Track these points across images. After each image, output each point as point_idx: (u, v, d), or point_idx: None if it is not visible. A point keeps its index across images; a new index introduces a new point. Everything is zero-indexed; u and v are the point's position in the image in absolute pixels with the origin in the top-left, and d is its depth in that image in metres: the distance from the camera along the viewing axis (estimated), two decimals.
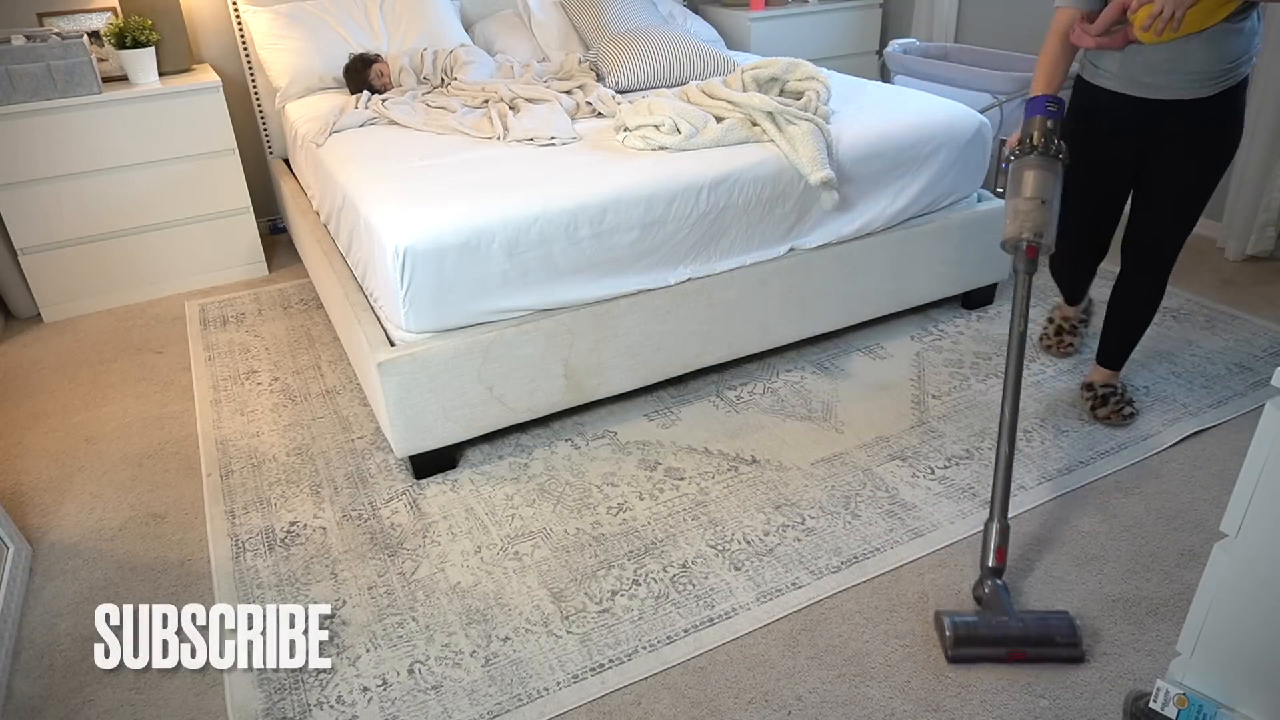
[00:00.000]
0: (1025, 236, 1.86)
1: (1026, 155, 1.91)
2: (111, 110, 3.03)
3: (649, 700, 1.60)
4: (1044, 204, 1.86)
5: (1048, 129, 1.91)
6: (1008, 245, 1.91)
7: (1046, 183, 1.87)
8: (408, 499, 2.15)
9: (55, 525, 2.14)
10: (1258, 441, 1.18)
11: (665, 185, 2.23)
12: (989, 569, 1.73)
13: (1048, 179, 1.87)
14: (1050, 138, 1.90)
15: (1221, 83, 1.89)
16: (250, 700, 1.63)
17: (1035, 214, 1.86)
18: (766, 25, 4.12)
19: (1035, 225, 1.85)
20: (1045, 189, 1.87)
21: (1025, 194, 1.87)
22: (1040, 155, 1.89)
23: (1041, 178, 1.87)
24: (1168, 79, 1.90)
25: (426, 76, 3.26)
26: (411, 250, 2.00)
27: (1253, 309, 2.83)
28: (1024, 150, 1.92)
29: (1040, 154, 1.89)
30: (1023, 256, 1.88)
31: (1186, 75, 1.88)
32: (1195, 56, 1.86)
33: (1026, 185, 1.88)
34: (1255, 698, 1.29)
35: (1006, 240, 1.91)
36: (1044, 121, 1.91)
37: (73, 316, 3.24)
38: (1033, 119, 1.93)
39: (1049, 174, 1.88)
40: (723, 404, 2.46)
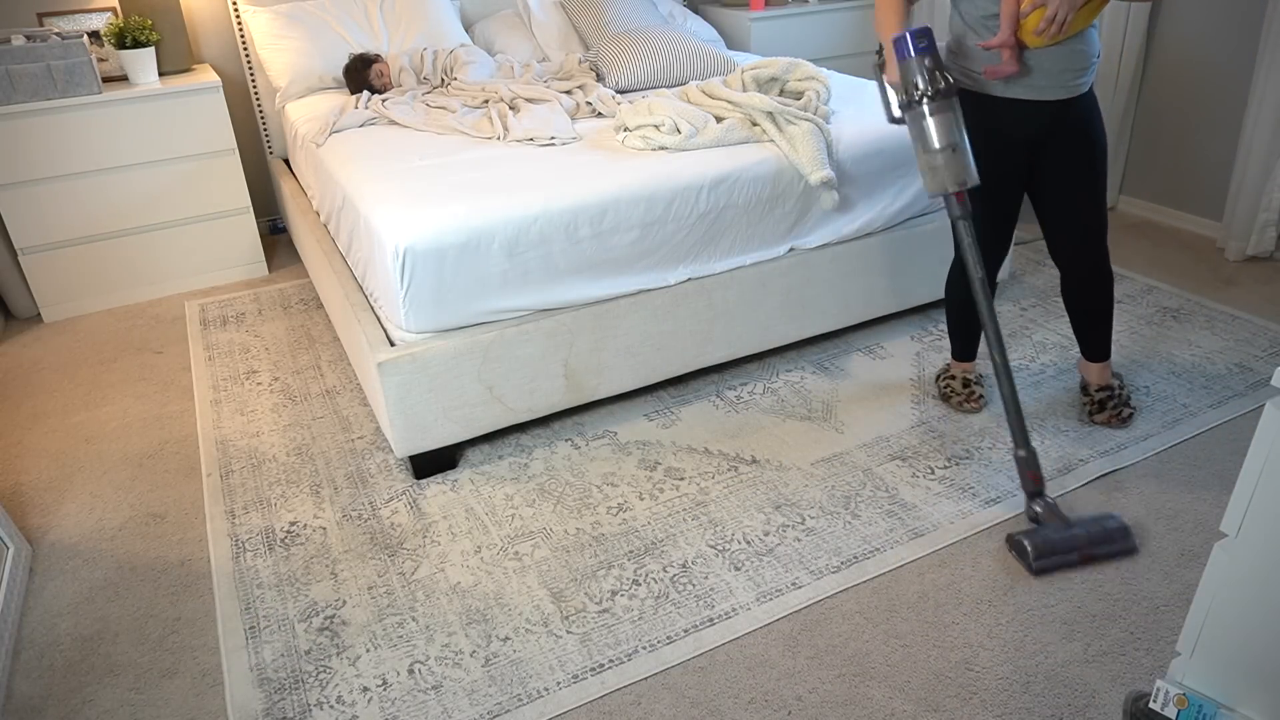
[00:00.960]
0: (950, 189, 1.87)
1: (919, 104, 1.84)
2: (111, 110, 3.03)
3: (649, 700, 1.60)
4: (955, 150, 1.84)
5: (927, 67, 1.83)
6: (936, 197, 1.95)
7: (950, 125, 1.84)
8: (408, 499, 2.15)
9: (55, 525, 2.14)
10: (1258, 441, 1.18)
11: (665, 185, 2.23)
12: (1030, 492, 1.90)
13: (949, 120, 1.84)
14: (934, 76, 1.83)
15: (1091, 75, 1.98)
16: (250, 700, 1.63)
17: (952, 163, 1.84)
18: (766, 25, 4.12)
19: (956, 174, 1.85)
20: (951, 133, 1.84)
21: (935, 145, 1.84)
22: (933, 100, 1.83)
23: (944, 122, 1.83)
24: (1059, 79, 1.93)
25: (426, 76, 3.26)
26: (411, 250, 2.00)
27: (1253, 309, 2.83)
28: (914, 99, 1.85)
29: (932, 98, 1.83)
30: (954, 204, 1.90)
31: (1073, 74, 1.93)
32: (1076, 56, 1.91)
33: (932, 136, 1.84)
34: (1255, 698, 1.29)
35: (933, 195, 1.92)
36: (922, 60, 1.84)
37: (73, 316, 3.24)
38: (908, 61, 1.85)
39: (949, 114, 1.84)
40: (723, 404, 2.46)
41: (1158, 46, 3.41)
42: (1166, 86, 3.41)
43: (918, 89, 1.84)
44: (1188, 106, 3.36)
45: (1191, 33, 3.27)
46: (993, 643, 1.68)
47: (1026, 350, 2.64)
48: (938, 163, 1.86)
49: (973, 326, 2.34)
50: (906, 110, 1.89)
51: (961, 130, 1.86)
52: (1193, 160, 3.40)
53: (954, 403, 2.38)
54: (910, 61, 1.85)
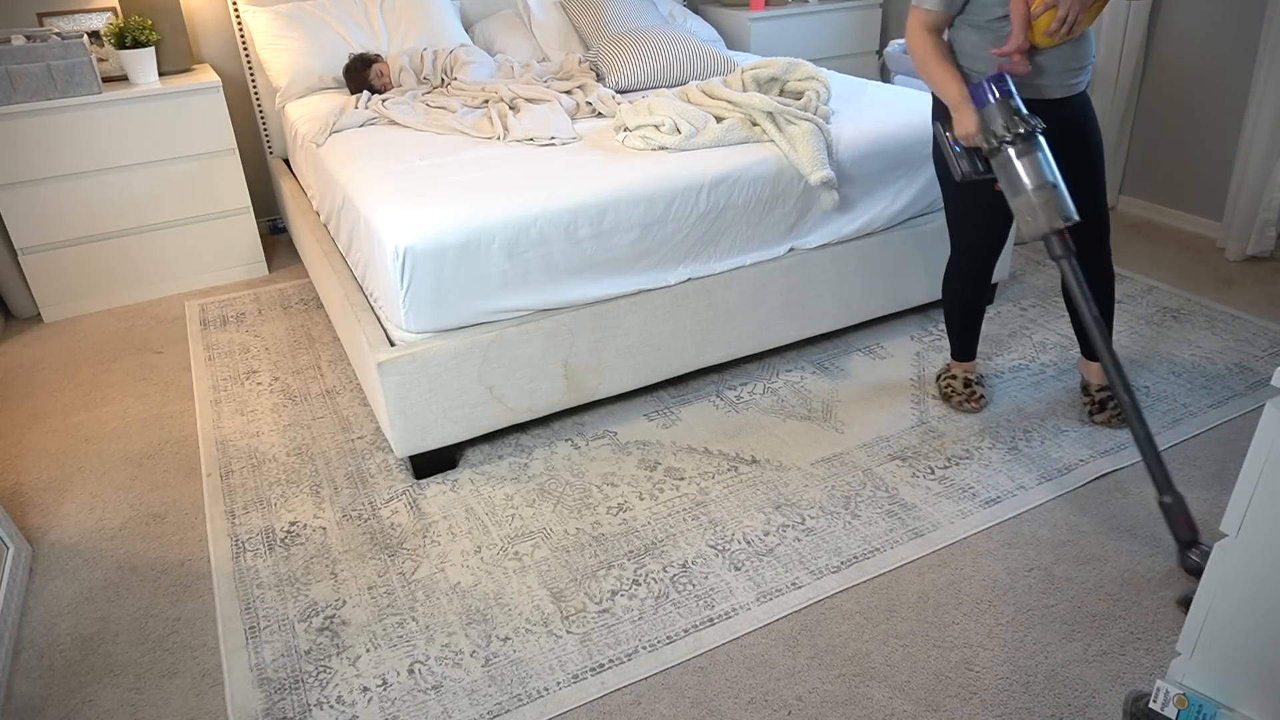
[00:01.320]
0: (1055, 226, 1.85)
1: (1003, 148, 1.85)
2: (111, 110, 3.03)
3: (649, 700, 1.60)
4: (1052, 187, 1.83)
5: (1010, 109, 1.85)
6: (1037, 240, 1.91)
7: (1040, 164, 1.84)
8: (408, 499, 2.15)
9: (55, 525, 2.14)
10: (1258, 441, 1.18)
11: (665, 185, 2.23)
12: (1185, 541, 1.79)
13: (1039, 159, 1.84)
14: (1015, 118, 1.84)
15: (1087, 76, 2.01)
16: (250, 700, 1.63)
17: (1050, 201, 1.83)
18: (766, 25, 4.12)
19: (1054, 213, 1.84)
20: (1043, 172, 1.84)
21: (1029, 186, 1.84)
22: (1016, 142, 1.84)
23: (1034, 162, 1.84)
24: (1060, 79, 1.95)
25: (426, 76, 3.26)
26: (411, 250, 2.00)
27: (1253, 309, 2.83)
28: (998, 144, 1.86)
29: (1014, 141, 1.84)
30: (1055, 244, 1.88)
31: (1074, 72, 1.95)
32: (1076, 55, 1.94)
33: (1024, 178, 1.85)
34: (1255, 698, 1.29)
35: (1034, 238, 1.90)
36: (1007, 103, 1.85)
37: (73, 316, 3.24)
38: (989, 108, 1.86)
39: (1036, 154, 1.84)
40: (723, 404, 2.46)
41: (1158, 46, 3.41)
42: (1166, 86, 3.41)
43: (1005, 134, 1.83)
44: (1187, 106, 3.36)
45: (1191, 33, 3.27)
46: (993, 643, 1.68)
47: (1026, 350, 2.64)
48: (1035, 202, 1.84)
49: (972, 327, 2.34)
50: (993, 156, 1.87)
51: (1053, 166, 1.85)
52: (1193, 160, 3.40)
53: (954, 402, 2.37)
54: (991, 108, 1.85)
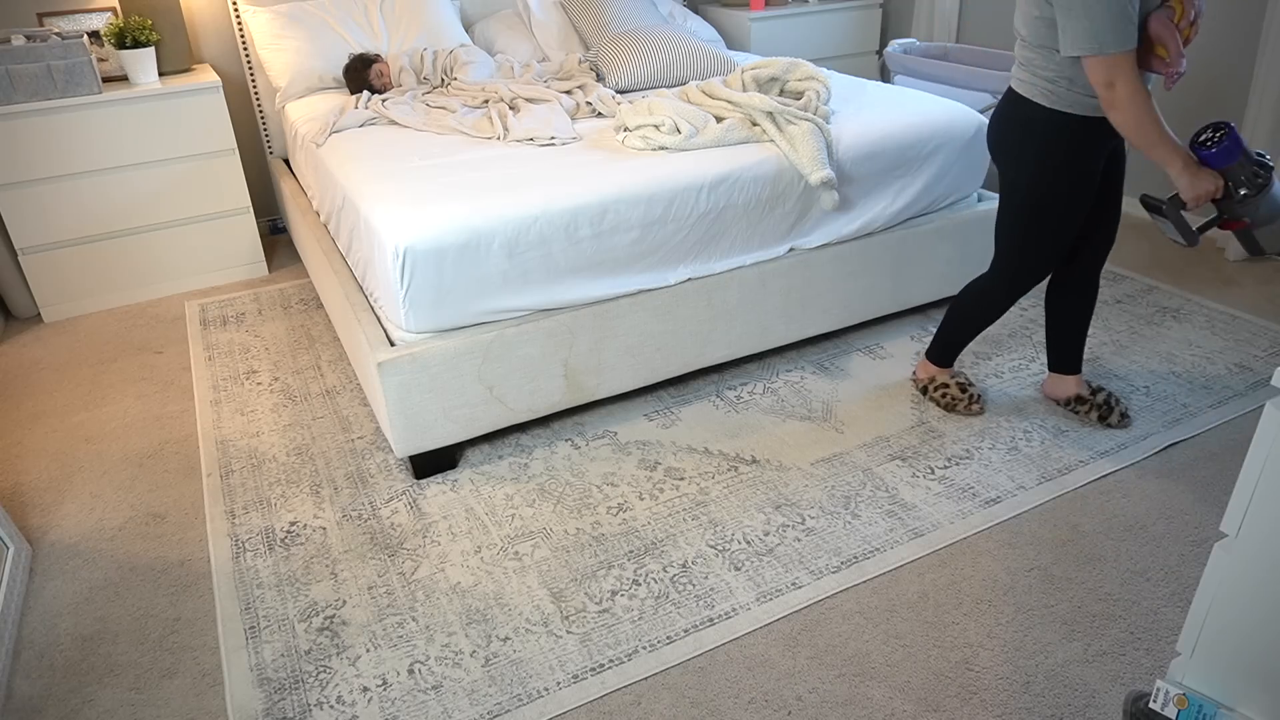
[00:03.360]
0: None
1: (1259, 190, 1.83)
2: (111, 110, 3.03)
3: (649, 700, 1.60)
4: None
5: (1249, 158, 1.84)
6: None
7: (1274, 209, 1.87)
8: (408, 499, 2.15)
9: (55, 525, 2.14)
10: (1258, 441, 1.18)
11: (665, 185, 2.23)
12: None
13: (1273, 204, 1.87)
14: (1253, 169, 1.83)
15: None
16: (250, 700, 1.64)
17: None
18: (766, 25, 4.12)
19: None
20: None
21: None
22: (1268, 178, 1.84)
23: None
24: None
25: (426, 76, 3.26)
26: (411, 250, 2.00)
27: (1253, 309, 2.83)
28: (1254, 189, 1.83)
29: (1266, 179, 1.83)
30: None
31: None
32: None
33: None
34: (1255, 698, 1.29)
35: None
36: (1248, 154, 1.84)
37: (73, 316, 3.24)
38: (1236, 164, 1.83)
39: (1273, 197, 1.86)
40: (723, 404, 2.46)
41: None
42: None
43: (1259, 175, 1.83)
44: (1187, 106, 3.36)
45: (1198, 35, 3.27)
46: (993, 643, 1.68)
47: (1026, 350, 2.64)
48: None
49: (970, 338, 2.34)
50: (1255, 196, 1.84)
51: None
52: None
53: (960, 409, 2.35)
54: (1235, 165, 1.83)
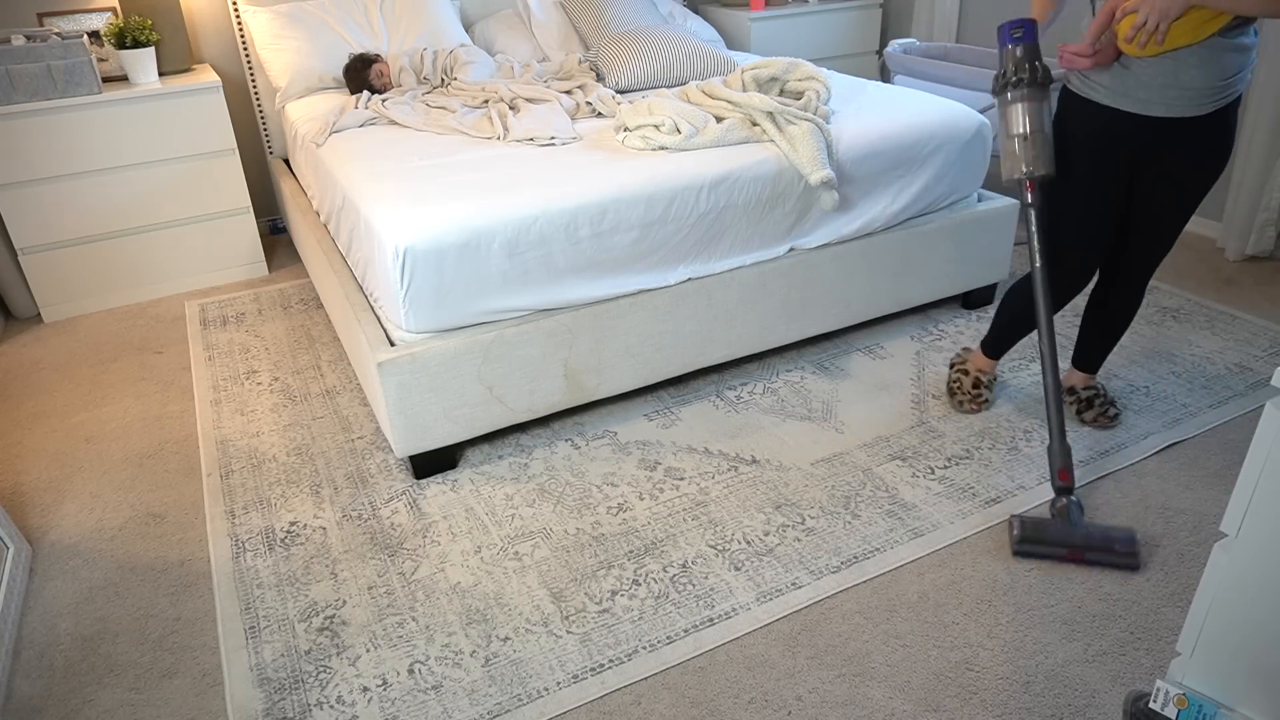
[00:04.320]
0: (1026, 172, 1.90)
1: (1007, 90, 1.91)
2: (111, 110, 3.03)
3: (649, 700, 1.60)
4: (1037, 135, 1.89)
5: (1017, 58, 1.89)
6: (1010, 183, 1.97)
7: (1034, 114, 1.89)
8: (408, 499, 2.15)
9: (55, 525, 2.14)
10: (1258, 441, 1.18)
11: (665, 185, 2.23)
12: (1057, 488, 1.91)
13: (1034, 109, 1.89)
14: (1023, 65, 1.88)
15: (1218, 100, 1.79)
16: (250, 700, 1.63)
17: (1031, 148, 1.89)
18: (766, 25, 4.12)
19: (1031, 159, 1.90)
20: (1035, 120, 1.89)
21: (1016, 130, 1.90)
22: (1020, 87, 1.89)
23: (1030, 109, 1.89)
24: (1162, 94, 1.79)
25: (426, 76, 3.26)
26: (411, 250, 2.00)
27: (1253, 309, 2.83)
28: (1003, 85, 1.91)
29: (1018, 85, 1.89)
30: (1024, 192, 1.94)
31: (1181, 92, 1.77)
32: (1190, 73, 1.74)
33: (1015, 120, 1.90)
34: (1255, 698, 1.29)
35: (1007, 180, 1.96)
36: (1013, 51, 1.89)
37: (73, 316, 3.24)
38: (1003, 50, 1.92)
39: (1035, 104, 1.88)
40: (723, 404, 2.46)
41: None
42: None
43: (1006, 74, 1.90)
44: None
45: None
46: (993, 643, 1.68)
47: (1027, 351, 2.64)
48: (1012, 149, 1.91)
49: (1019, 335, 2.25)
50: (995, 94, 1.94)
51: (1047, 119, 1.89)
52: None
53: (956, 399, 2.35)
54: (1005, 50, 1.91)
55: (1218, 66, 1.73)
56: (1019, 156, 1.90)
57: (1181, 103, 1.79)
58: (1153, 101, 1.80)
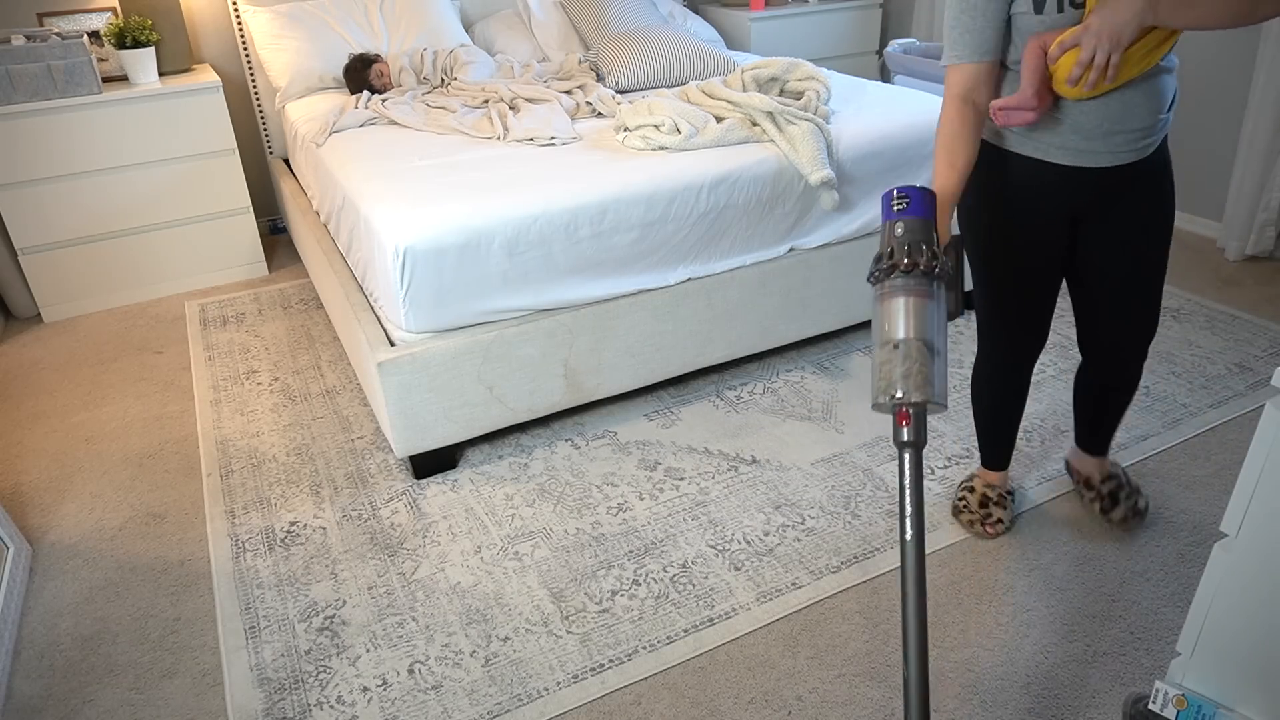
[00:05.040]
0: (896, 397, 1.27)
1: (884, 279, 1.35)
2: (111, 110, 3.03)
3: (649, 700, 1.60)
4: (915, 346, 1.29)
5: (898, 237, 1.33)
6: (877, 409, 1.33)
7: (917, 315, 1.30)
8: (408, 499, 2.15)
9: (55, 525, 2.14)
10: (1258, 441, 1.18)
11: (665, 185, 2.23)
12: None
13: (917, 309, 1.30)
14: (906, 248, 1.32)
15: (1158, 135, 1.51)
16: (250, 700, 1.64)
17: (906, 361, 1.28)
18: (766, 25, 4.12)
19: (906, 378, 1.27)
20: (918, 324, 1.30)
21: (888, 335, 1.31)
22: (897, 276, 1.33)
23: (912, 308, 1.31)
24: (1105, 143, 1.48)
25: (426, 76, 3.26)
26: (411, 250, 2.00)
27: (1253, 309, 2.83)
28: (879, 272, 1.35)
29: (904, 272, 1.32)
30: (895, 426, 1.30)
31: (1127, 136, 1.47)
32: (1137, 111, 1.45)
33: (889, 322, 1.32)
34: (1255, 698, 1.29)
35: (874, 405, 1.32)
36: (893, 226, 1.35)
37: (73, 316, 3.24)
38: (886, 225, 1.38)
39: (920, 300, 1.31)
40: (723, 404, 2.46)
41: None
42: None
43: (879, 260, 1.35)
44: (1187, 105, 3.36)
45: (1190, 32, 3.27)
46: (993, 643, 1.68)
47: None
48: (882, 359, 1.31)
49: (1005, 431, 1.90)
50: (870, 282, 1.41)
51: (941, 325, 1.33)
52: (1192, 160, 3.40)
53: (963, 521, 1.95)
54: (884, 225, 1.38)
55: (1158, 97, 1.45)
56: (889, 373, 1.29)
57: (1128, 148, 1.49)
58: (1096, 152, 1.49)
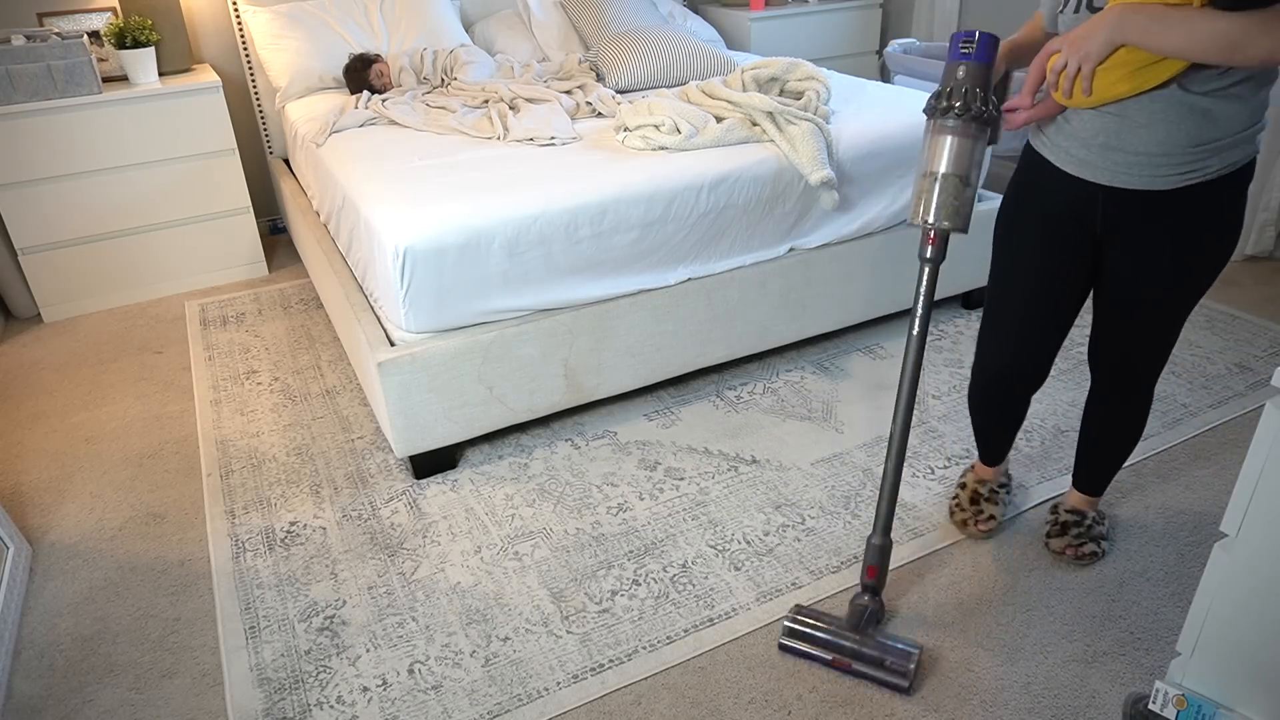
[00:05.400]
0: (930, 220, 1.50)
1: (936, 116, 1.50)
2: (111, 110, 3.03)
3: (649, 700, 1.60)
4: (953, 181, 1.48)
5: (958, 79, 1.46)
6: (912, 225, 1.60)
7: (960, 153, 1.47)
8: (408, 499, 2.15)
9: (55, 525, 2.14)
10: (1258, 441, 1.18)
11: (665, 185, 2.23)
12: (863, 583, 1.67)
13: (962, 148, 1.47)
14: (963, 90, 1.46)
15: (1187, 174, 1.39)
16: (250, 700, 1.64)
17: (944, 193, 1.49)
18: (766, 25, 4.12)
19: (940, 206, 1.49)
20: (959, 161, 1.48)
21: (932, 166, 1.50)
22: (951, 116, 1.47)
23: (956, 147, 1.47)
24: (1103, 158, 1.44)
25: (426, 76, 3.26)
26: (411, 250, 2.00)
27: (1253, 309, 2.83)
28: (935, 107, 1.50)
29: (949, 113, 1.47)
30: (922, 243, 1.55)
31: (1127, 157, 1.41)
32: (1136, 134, 1.38)
33: (935, 155, 1.49)
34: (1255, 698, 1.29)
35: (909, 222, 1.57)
36: (955, 69, 1.47)
37: (73, 316, 3.24)
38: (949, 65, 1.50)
39: (966, 140, 1.47)
40: (723, 404, 2.46)
41: None
42: None
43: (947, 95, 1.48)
44: None
45: None
46: (993, 643, 1.68)
47: None
48: (923, 187, 1.51)
49: (998, 440, 1.88)
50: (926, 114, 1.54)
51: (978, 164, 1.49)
52: None
53: (956, 520, 1.95)
54: (948, 65, 1.50)
55: (1179, 129, 1.35)
56: (926, 199, 1.49)
57: (1130, 171, 1.42)
58: (1095, 165, 1.46)
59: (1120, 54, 1.30)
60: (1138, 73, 1.31)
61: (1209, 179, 1.39)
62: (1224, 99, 1.33)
